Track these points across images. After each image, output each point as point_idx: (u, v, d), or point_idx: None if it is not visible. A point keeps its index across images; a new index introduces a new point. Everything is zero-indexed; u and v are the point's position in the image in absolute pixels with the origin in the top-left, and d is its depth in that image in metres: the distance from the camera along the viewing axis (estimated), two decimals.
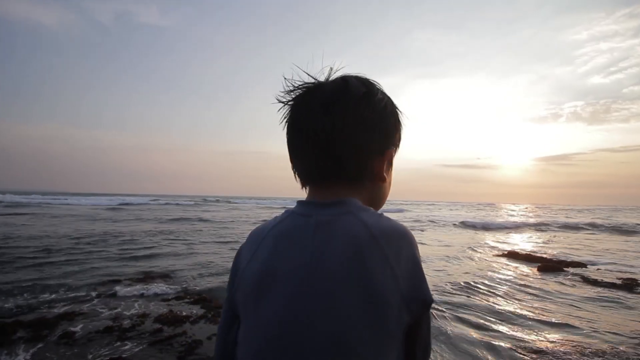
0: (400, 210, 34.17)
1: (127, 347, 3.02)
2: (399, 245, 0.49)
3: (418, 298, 0.48)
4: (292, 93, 0.59)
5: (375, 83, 0.60)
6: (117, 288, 4.83)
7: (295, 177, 0.61)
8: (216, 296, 4.58)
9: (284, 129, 0.61)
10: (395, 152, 0.61)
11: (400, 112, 0.62)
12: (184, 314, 3.89)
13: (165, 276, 5.64)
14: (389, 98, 0.60)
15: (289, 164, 0.61)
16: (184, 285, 5.11)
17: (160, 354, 2.92)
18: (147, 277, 5.50)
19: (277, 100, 0.60)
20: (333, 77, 0.59)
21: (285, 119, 0.60)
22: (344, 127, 0.54)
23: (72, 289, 4.72)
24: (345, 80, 0.57)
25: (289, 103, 0.59)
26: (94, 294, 4.57)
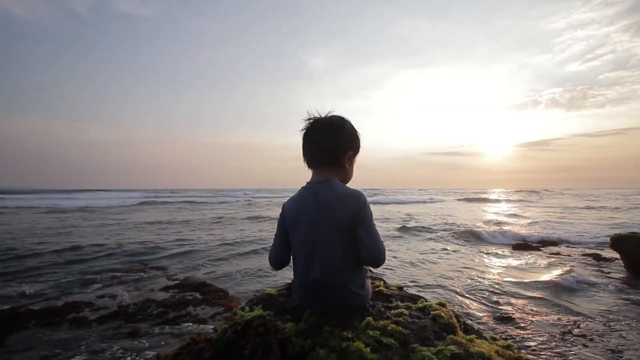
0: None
1: (137, 327, 3.29)
2: (350, 199, 1.12)
3: (356, 217, 1.10)
4: (309, 121, 1.23)
5: (347, 118, 1.26)
6: (118, 280, 5.05)
7: (305, 163, 1.25)
8: (214, 283, 4.85)
9: (302, 137, 1.24)
10: (356, 153, 1.27)
11: (358, 133, 1.28)
12: (186, 298, 4.17)
13: (164, 269, 5.88)
14: (353, 126, 1.26)
15: (276, 155, 1.17)
16: (183, 276, 5.36)
17: (168, 332, 3.20)
18: (147, 269, 5.73)
19: (304, 124, 1.24)
20: (330, 114, 1.24)
21: (303, 134, 1.23)
22: (334, 141, 1.20)
23: (74, 281, 4.92)
24: (334, 118, 1.23)
25: (307, 125, 1.23)
26: (96, 285, 4.79)
